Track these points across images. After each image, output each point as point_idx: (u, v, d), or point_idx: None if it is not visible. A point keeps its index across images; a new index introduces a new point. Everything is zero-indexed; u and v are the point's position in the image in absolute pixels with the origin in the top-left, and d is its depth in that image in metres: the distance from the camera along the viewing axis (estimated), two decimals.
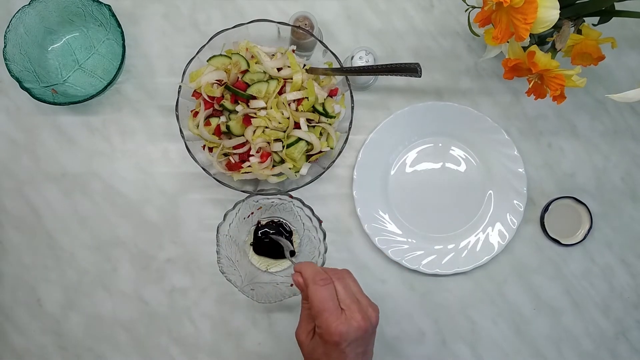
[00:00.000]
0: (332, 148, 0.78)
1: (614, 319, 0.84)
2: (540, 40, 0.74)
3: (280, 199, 0.78)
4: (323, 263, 0.74)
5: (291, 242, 0.82)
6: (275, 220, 0.83)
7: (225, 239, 0.77)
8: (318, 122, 0.77)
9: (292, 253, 0.81)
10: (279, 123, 0.74)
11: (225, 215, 0.75)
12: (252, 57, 0.77)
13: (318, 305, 0.61)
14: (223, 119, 0.76)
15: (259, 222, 0.82)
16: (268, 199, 0.79)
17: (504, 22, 0.62)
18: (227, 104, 0.75)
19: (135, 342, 0.82)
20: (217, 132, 0.76)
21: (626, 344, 0.84)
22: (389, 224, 0.84)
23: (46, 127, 0.84)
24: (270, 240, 0.81)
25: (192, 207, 0.84)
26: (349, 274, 0.65)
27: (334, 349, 0.60)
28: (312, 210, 0.76)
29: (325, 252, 0.75)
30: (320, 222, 0.76)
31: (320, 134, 0.77)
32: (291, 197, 0.76)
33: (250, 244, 0.82)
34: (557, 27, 0.66)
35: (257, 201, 0.78)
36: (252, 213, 0.81)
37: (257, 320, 0.83)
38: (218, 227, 0.74)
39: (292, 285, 0.77)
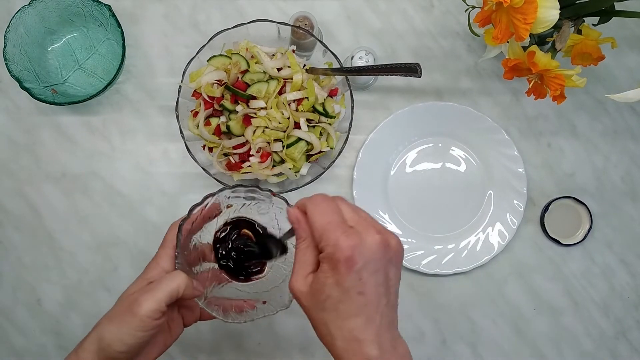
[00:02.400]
0: (332, 148, 0.78)
1: (614, 318, 0.84)
2: (540, 40, 0.74)
3: (254, 197, 0.65)
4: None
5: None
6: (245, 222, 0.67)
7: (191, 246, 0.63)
8: (318, 122, 0.77)
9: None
10: (279, 123, 0.74)
11: (190, 211, 0.60)
12: (252, 57, 0.77)
13: (320, 220, 0.49)
14: (223, 119, 0.76)
15: (224, 225, 0.67)
16: (240, 197, 0.65)
17: (503, 22, 0.62)
18: (227, 104, 0.75)
19: None
20: (217, 132, 0.76)
21: (626, 343, 0.84)
22: (389, 224, 0.84)
23: (46, 127, 0.84)
24: (237, 258, 0.66)
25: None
26: None
27: (346, 273, 0.47)
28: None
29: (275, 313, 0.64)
30: None
31: (320, 134, 0.77)
32: (274, 194, 0.63)
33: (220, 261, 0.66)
34: (557, 27, 0.66)
35: (229, 197, 0.64)
36: (218, 213, 0.66)
37: (256, 321, 0.82)
38: (180, 226, 0.59)
39: (264, 302, 0.64)
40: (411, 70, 0.73)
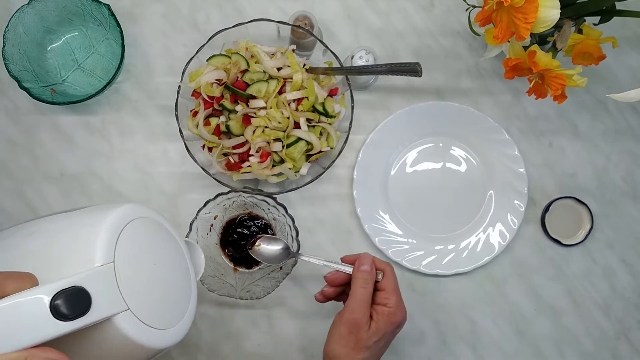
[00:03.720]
0: (332, 148, 0.78)
1: (615, 319, 0.84)
2: (541, 39, 0.74)
3: (255, 197, 0.78)
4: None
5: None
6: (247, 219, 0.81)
7: None
8: (318, 122, 0.76)
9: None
10: (279, 123, 0.74)
11: (190, 226, 0.75)
12: (252, 56, 0.76)
13: (395, 283, 0.67)
14: (223, 118, 0.76)
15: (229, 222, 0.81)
16: (236, 198, 0.78)
17: (504, 22, 0.62)
18: (227, 103, 0.75)
19: None
20: (217, 131, 0.76)
21: (627, 344, 0.84)
22: (389, 224, 0.83)
23: (45, 126, 0.84)
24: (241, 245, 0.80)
25: (192, 207, 0.83)
26: None
27: (394, 328, 0.65)
28: (293, 220, 0.76)
29: (295, 265, 0.76)
30: (297, 232, 0.76)
31: (320, 133, 0.77)
32: (275, 200, 0.76)
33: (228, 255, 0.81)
34: (557, 26, 0.66)
35: (229, 198, 0.77)
36: (212, 225, 0.80)
37: (256, 321, 0.82)
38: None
39: (281, 268, 0.77)
40: (411, 69, 0.73)
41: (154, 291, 0.52)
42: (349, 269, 0.68)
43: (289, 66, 0.76)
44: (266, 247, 0.76)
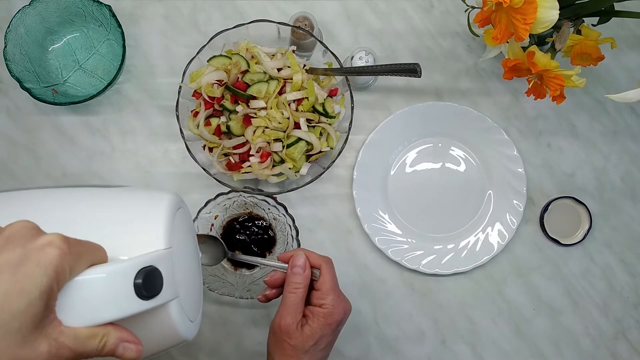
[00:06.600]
0: (332, 148, 0.78)
1: (614, 318, 0.84)
2: (539, 40, 0.74)
3: (256, 197, 0.78)
4: None
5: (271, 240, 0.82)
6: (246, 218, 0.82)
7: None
8: (318, 122, 0.77)
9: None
10: (279, 123, 0.74)
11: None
12: (252, 57, 0.77)
13: (332, 281, 0.63)
14: (223, 119, 0.76)
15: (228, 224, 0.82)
16: (239, 197, 0.79)
17: (503, 23, 0.62)
18: (227, 104, 0.75)
19: None
20: (217, 132, 0.76)
21: (626, 343, 0.84)
22: (388, 223, 0.84)
23: (46, 127, 0.84)
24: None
25: (193, 207, 0.83)
26: None
27: (334, 329, 0.62)
28: (293, 219, 0.76)
29: None
30: (297, 232, 0.76)
31: (320, 134, 0.78)
32: (275, 200, 0.77)
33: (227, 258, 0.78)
34: (556, 27, 0.66)
35: (230, 198, 0.78)
36: (213, 225, 0.80)
37: (257, 320, 0.83)
38: None
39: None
40: (411, 70, 0.73)
41: (188, 282, 0.51)
42: (285, 267, 0.64)
43: (289, 67, 0.76)
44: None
